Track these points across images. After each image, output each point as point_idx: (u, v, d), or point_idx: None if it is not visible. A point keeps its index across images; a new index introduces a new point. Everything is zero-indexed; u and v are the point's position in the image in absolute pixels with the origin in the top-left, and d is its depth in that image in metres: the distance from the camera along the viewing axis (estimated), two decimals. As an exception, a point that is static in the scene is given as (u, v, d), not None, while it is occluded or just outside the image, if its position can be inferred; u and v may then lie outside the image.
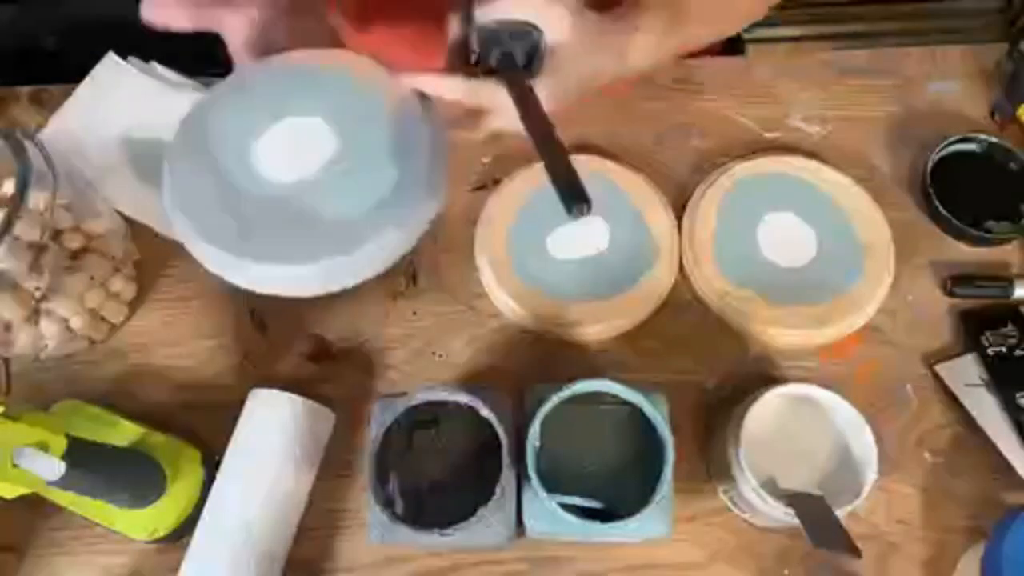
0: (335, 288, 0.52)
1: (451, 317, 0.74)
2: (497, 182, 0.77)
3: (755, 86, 0.83)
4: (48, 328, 0.68)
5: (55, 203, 0.65)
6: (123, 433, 0.65)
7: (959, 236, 0.75)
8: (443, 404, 0.60)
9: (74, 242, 0.68)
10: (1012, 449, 0.66)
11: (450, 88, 0.55)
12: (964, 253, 0.76)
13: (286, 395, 0.65)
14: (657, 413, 0.58)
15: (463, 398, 0.59)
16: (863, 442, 0.60)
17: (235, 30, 0.57)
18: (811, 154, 0.78)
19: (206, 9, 0.56)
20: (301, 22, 0.61)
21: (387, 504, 0.57)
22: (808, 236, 0.74)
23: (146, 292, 0.75)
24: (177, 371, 0.73)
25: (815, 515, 0.57)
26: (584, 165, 0.76)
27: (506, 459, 0.56)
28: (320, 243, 0.50)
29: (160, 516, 0.63)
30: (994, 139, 0.77)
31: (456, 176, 0.77)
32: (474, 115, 0.57)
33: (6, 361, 0.71)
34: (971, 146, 0.78)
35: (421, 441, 0.63)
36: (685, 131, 0.81)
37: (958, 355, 0.71)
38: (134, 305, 0.74)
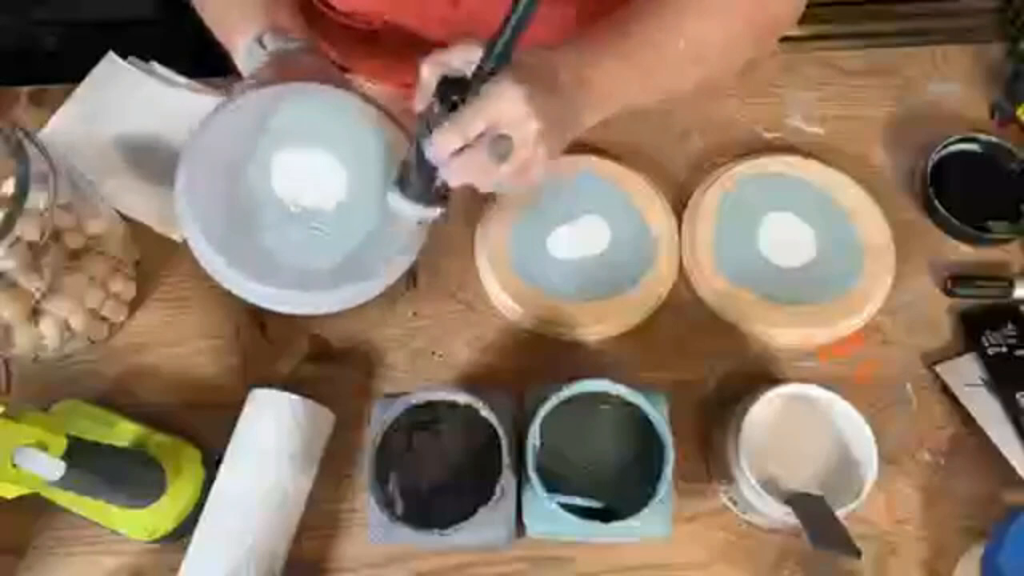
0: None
1: (451, 317, 0.74)
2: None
3: (755, 86, 0.83)
4: (48, 328, 0.68)
5: (55, 203, 0.65)
6: (123, 433, 0.65)
7: (959, 236, 0.75)
8: (443, 404, 0.60)
9: (74, 242, 0.68)
10: (1012, 449, 0.66)
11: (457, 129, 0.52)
12: (964, 253, 0.76)
13: (286, 395, 0.65)
14: (657, 413, 0.58)
15: (463, 398, 0.59)
16: (863, 442, 0.60)
17: None
18: (811, 154, 0.78)
19: None
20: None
21: (387, 504, 0.57)
22: (808, 236, 0.74)
23: (146, 292, 0.75)
24: (177, 371, 0.72)
25: (815, 515, 0.57)
26: (584, 165, 0.77)
27: (506, 459, 0.56)
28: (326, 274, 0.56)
29: (160, 516, 0.63)
30: (994, 139, 0.77)
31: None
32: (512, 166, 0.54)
33: (6, 361, 0.71)
34: (971, 146, 0.78)
35: (421, 441, 0.63)
36: (685, 131, 0.81)
37: (958, 355, 0.71)
38: (134, 305, 0.74)
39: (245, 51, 0.62)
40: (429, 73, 0.53)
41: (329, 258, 0.57)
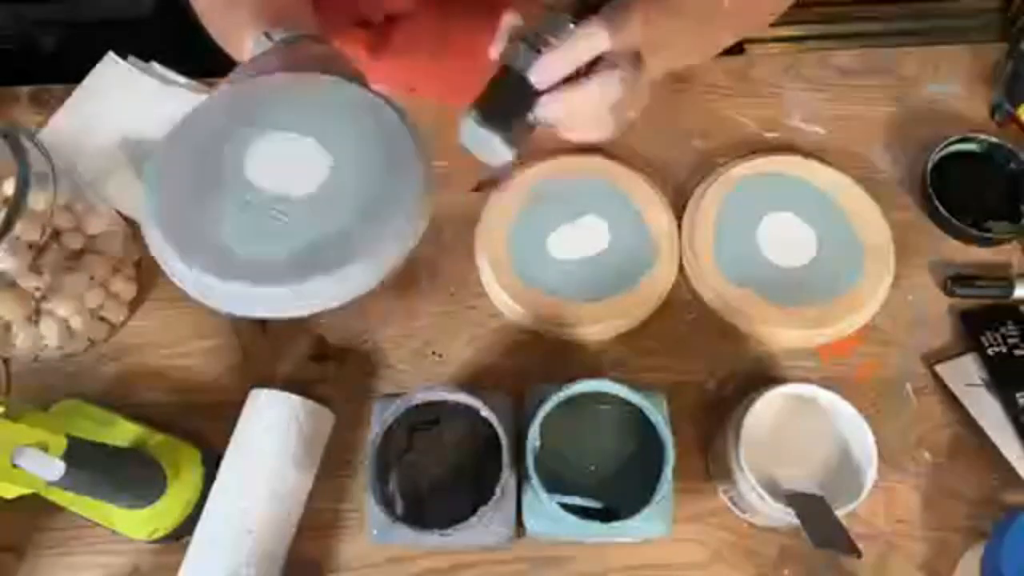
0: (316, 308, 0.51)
1: (451, 317, 0.74)
2: (496, 183, 0.77)
3: (755, 86, 0.83)
4: (48, 328, 0.68)
5: (55, 203, 0.65)
6: (123, 433, 0.65)
7: (959, 236, 0.75)
8: (443, 404, 0.60)
9: (74, 242, 0.68)
10: (1012, 449, 0.66)
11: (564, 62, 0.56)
12: (964, 253, 0.76)
13: (286, 395, 0.65)
14: (657, 413, 0.58)
15: (463, 398, 0.59)
16: (863, 442, 0.60)
17: None
18: (811, 154, 0.78)
19: None
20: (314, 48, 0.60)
21: (387, 504, 0.57)
22: (808, 236, 0.74)
23: (146, 292, 0.75)
24: (177, 371, 0.72)
25: (815, 515, 0.57)
26: (584, 165, 0.77)
27: (506, 459, 0.56)
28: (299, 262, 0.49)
29: (160, 516, 0.63)
30: (994, 139, 0.77)
31: (456, 176, 0.77)
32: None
33: (6, 361, 0.71)
34: (971, 146, 0.78)
35: (421, 441, 0.63)
36: (685, 131, 0.81)
37: (958, 355, 0.71)
38: (134, 305, 0.74)
39: (254, 47, 0.61)
40: (513, 17, 0.57)
41: (286, 246, 0.49)
